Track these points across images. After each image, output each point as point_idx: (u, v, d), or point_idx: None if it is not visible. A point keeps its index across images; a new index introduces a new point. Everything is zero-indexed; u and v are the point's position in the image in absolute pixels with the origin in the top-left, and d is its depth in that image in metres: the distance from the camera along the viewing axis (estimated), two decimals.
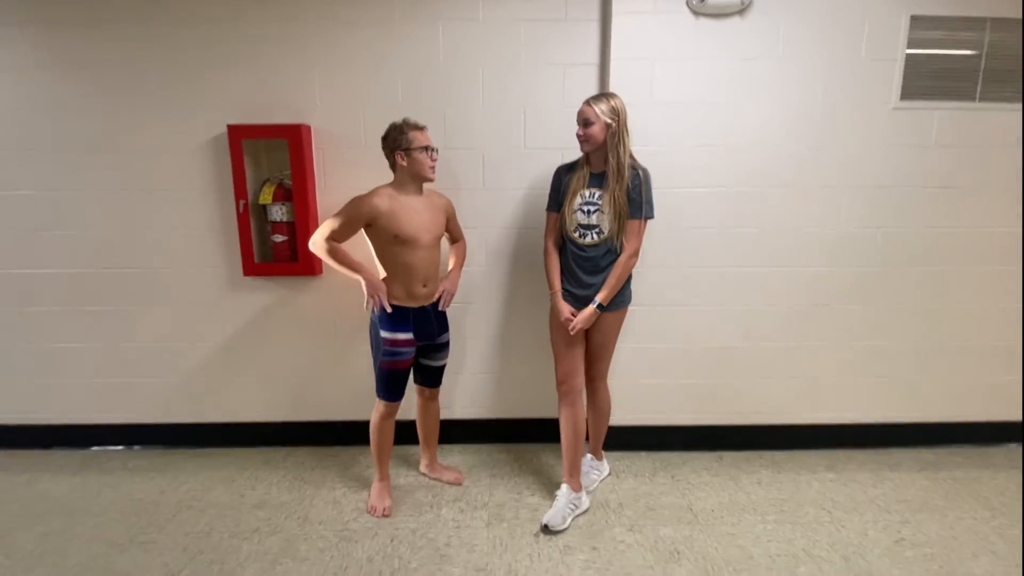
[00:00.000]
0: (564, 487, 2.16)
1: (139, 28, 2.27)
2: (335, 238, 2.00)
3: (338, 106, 2.35)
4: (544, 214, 2.17)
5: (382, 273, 2.09)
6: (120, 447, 2.66)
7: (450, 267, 2.26)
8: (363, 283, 2.04)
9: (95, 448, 2.66)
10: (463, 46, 2.31)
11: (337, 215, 1.99)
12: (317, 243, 2.01)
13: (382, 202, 1.98)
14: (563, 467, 2.19)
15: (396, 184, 2.04)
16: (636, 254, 2.03)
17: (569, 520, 2.10)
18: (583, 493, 2.19)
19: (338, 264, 2.02)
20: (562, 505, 2.11)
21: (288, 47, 2.30)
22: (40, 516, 2.17)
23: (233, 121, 2.32)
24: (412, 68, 2.33)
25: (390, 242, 2.01)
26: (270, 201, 2.34)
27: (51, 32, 2.27)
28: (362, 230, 2.03)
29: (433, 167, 2.03)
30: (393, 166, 2.04)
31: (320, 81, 2.33)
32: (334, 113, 2.35)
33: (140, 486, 2.36)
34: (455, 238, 2.29)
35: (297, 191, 2.32)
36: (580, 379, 2.16)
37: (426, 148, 2.00)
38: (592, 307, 2.04)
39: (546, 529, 2.05)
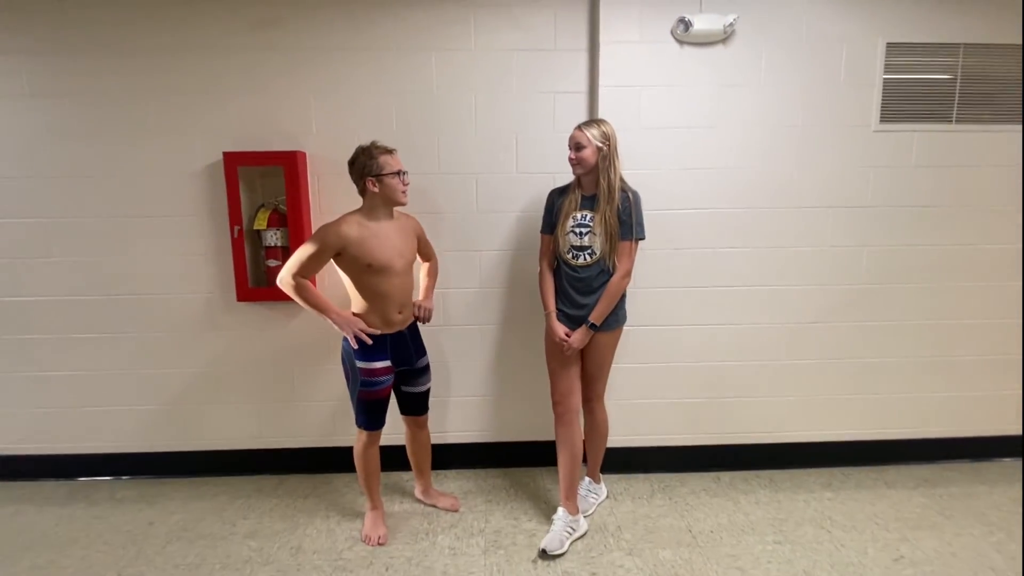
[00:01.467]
0: (561, 511, 2.14)
1: (136, 57, 2.32)
2: (304, 272, 1.93)
3: (333, 133, 2.39)
4: (538, 236, 2.21)
5: (356, 302, 2.03)
6: (108, 477, 2.61)
7: (423, 287, 2.22)
8: (333, 324, 1.99)
9: (82, 479, 2.60)
10: (456, 75, 2.37)
11: (305, 247, 1.92)
12: (284, 280, 1.94)
13: (351, 230, 1.91)
14: (560, 490, 2.17)
15: (365, 210, 1.98)
16: (628, 274, 2.06)
17: (567, 544, 2.07)
18: (580, 516, 2.18)
19: (305, 303, 1.96)
20: (559, 529, 2.09)
21: (284, 75, 2.35)
22: (26, 549, 2.11)
23: (229, 148, 2.35)
24: (406, 96, 2.38)
25: (363, 271, 1.95)
26: (265, 227, 2.36)
27: (48, 60, 2.31)
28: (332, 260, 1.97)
29: (405, 191, 1.99)
30: (362, 192, 1.97)
31: (316, 108, 2.38)
32: (329, 139, 2.39)
33: (128, 517, 2.31)
34: (427, 256, 2.25)
35: (292, 217, 2.34)
36: (576, 399, 2.16)
37: (397, 172, 1.95)
38: (585, 327, 2.06)
39: (544, 554, 2.02)
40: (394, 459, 2.42)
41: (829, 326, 2.54)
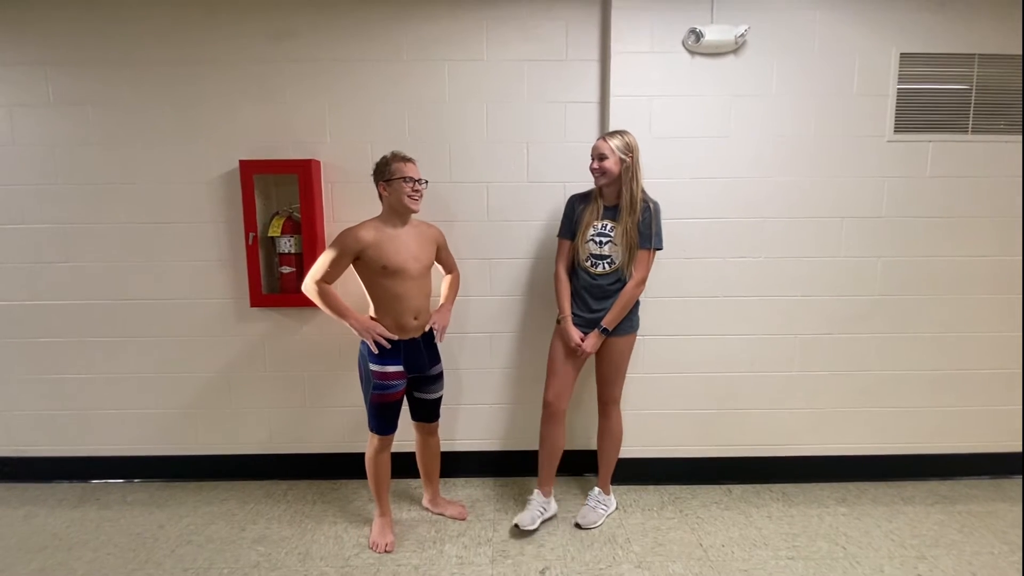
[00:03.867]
0: (536, 492, 2.29)
1: (155, 67, 2.38)
2: (327, 278, 2.00)
3: (347, 142, 2.42)
4: (549, 244, 2.21)
5: (372, 307, 2.08)
6: (120, 480, 2.64)
7: (442, 299, 2.26)
8: (352, 329, 2.03)
9: (95, 481, 2.63)
10: (468, 85, 2.40)
11: (326, 252, 1.98)
12: (308, 286, 2.01)
13: (368, 233, 1.98)
14: (539, 476, 2.29)
15: (382, 216, 2.06)
16: (643, 282, 2.11)
17: (539, 522, 2.21)
18: (551, 499, 2.32)
19: (327, 308, 2.02)
20: (534, 507, 2.24)
21: (299, 85, 2.40)
22: (37, 551, 2.13)
23: (245, 156, 2.39)
24: (419, 105, 2.41)
25: (378, 273, 2.00)
26: (279, 233, 2.39)
27: (70, 71, 2.37)
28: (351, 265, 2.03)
29: (413, 198, 2.02)
30: (380, 197, 2.06)
31: (330, 118, 2.42)
32: (343, 148, 2.42)
33: (139, 520, 2.33)
34: (448, 269, 2.29)
35: (306, 224, 2.37)
36: (566, 402, 2.24)
37: (407, 179, 1.99)
38: (597, 331, 2.10)
39: (516, 528, 2.17)
40: (403, 466, 2.42)
41: (844, 337, 2.51)
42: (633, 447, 2.51)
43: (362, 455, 2.15)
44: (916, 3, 2.33)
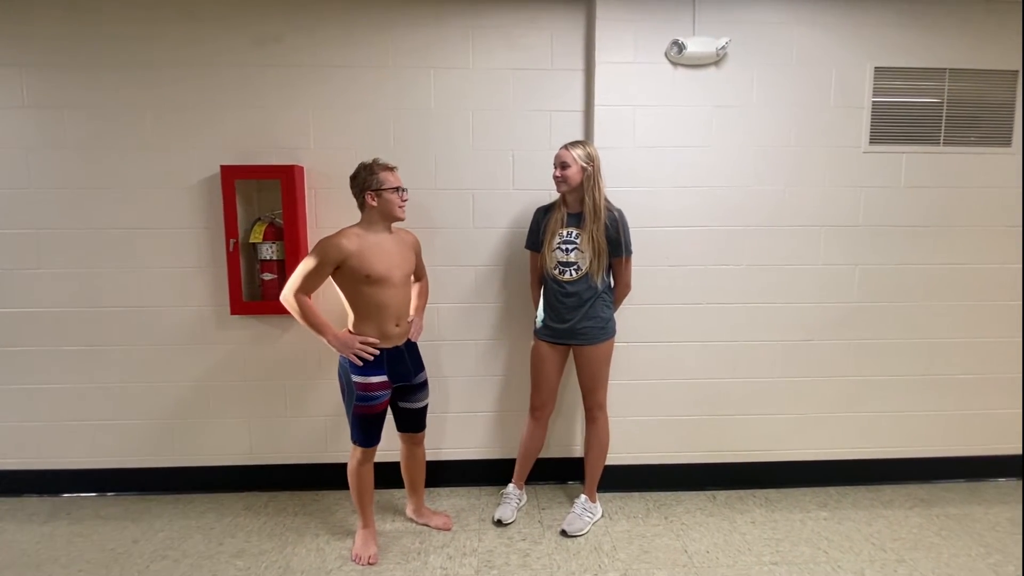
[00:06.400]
0: (511, 486, 2.41)
1: (135, 70, 2.34)
2: (306, 288, 1.94)
3: (331, 148, 2.41)
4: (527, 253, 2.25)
5: (353, 316, 2.03)
6: (93, 494, 2.55)
7: (412, 309, 2.19)
8: (330, 346, 1.99)
9: (67, 495, 2.55)
10: (453, 93, 2.41)
11: (306, 262, 1.93)
12: (287, 299, 1.95)
13: (350, 243, 1.93)
14: (515, 472, 2.42)
15: (364, 224, 2.01)
16: (629, 284, 2.27)
17: (516, 514, 2.36)
18: (523, 492, 2.45)
19: (305, 323, 1.97)
20: (511, 501, 2.38)
21: (284, 91, 2.38)
22: (4, 568, 2.05)
23: (227, 162, 2.36)
24: (404, 112, 2.41)
25: (361, 282, 1.96)
26: (260, 240, 2.36)
27: (49, 74, 2.32)
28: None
29: (403, 207, 2.02)
30: (362, 206, 2.01)
31: (314, 124, 2.40)
32: (327, 155, 2.41)
33: (112, 535, 2.26)
34: (418, 276, 2.25)
35: (288, 230, 2.34)
36: (552, 408, 2.36)
37: (396, 188, 1.99)
38: None
39: (499, 523, 2.29)
40: (386, 477, 2.38)
41: (823, 344, 2.55)
42: (618, 454, 2.51)
43: (346, 464, 2.12)
44: (890, 18, 2.40)
